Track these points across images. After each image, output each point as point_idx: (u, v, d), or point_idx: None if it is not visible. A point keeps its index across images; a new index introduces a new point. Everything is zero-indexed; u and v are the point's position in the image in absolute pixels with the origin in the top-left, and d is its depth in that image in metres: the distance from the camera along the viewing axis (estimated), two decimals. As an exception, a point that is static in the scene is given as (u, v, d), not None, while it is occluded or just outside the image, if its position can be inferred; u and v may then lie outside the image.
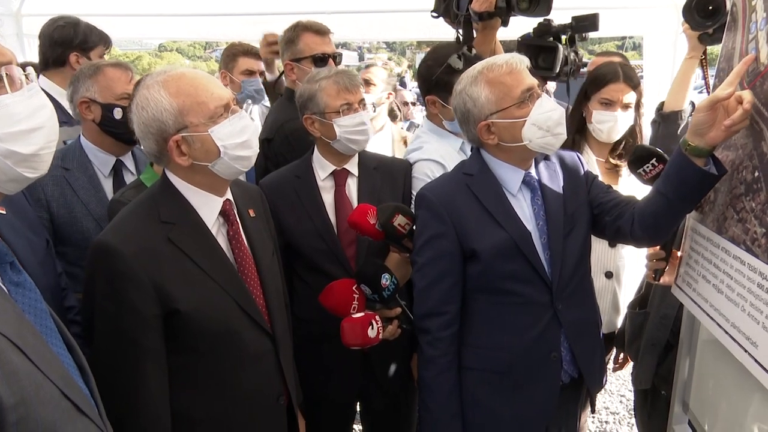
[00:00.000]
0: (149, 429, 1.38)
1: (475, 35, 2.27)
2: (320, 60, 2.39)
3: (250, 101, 3.00)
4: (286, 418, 1.65)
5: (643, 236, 1.62)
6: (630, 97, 2.25)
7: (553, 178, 1.75)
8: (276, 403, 1.60)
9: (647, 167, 1.66)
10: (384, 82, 3.04)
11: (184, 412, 1.44)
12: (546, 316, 1.69)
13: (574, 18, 2.18)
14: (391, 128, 3.02)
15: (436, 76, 2.12)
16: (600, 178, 2.21)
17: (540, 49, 2.20)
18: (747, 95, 1.29)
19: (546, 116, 1.61)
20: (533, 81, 1.64)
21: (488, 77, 1.63)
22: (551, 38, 2.19)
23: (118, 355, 1.37)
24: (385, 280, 1.76)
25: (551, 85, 3.08)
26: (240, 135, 1.45)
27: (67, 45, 2.66)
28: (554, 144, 1.65)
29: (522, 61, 1.65)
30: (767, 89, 1.26)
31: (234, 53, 3.08)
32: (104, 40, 2.75)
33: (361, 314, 1.74)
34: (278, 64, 2.77)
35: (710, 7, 1.83)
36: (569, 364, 1.75)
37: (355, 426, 2.47)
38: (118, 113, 2.03)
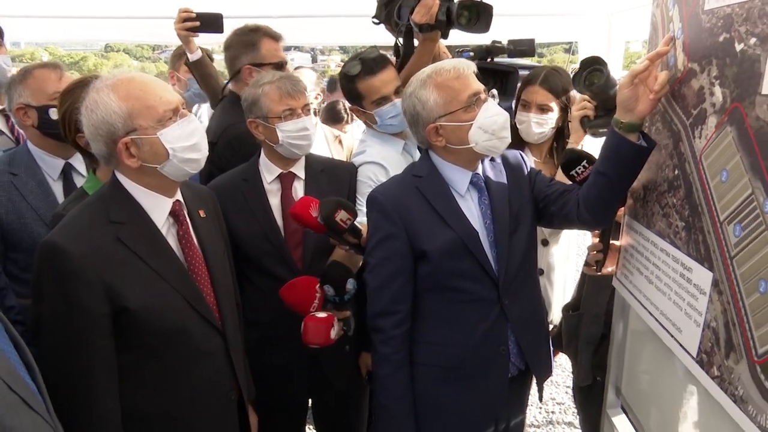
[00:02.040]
0: (100, 427, 1.38)
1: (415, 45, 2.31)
2: (280, 67, 2.39)
3: (198, 105, 2.98)
4: (237, 414, 1.68)
5: (590, 218, 1.67)
6: (546, 100, 2.31)
7: (498, 178, 1.80)
8: (226, 399, 1.62)
9: (578, 170, 1.71)
10: (312, 83, 3.08)
11: (135, 409, 1.45)
12: (494, 311, 1.75)
13: (511, 42, 2.25)
14: (323, 128, 3.06)
15: (345, 87, 2.20)
16: None
17: (494, 72, 2.26)
18: (663, 76, 1.41)
19: (491, 120, 1.66)
20: (480, 86, 1.69)
21: (437, 81, 1.67)
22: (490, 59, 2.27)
23: (67, 354, 1.37)
24: (350, 284, 1.79)
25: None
26: (189, 138, 1.48)
27: None
28: (499, 147, 1.71)
29: (469, 67, 1.69)
30: (684, 93, 1.37)
31: (180, 53, 3.13)
32: None
33: (324, 314, 1.77)
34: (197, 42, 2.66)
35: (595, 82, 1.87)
36: (516, 357, 1.81)
37: (309, 427, 2.49)
38: (54, 113, 1.98)
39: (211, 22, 2.57)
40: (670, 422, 1.52)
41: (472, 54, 2.19)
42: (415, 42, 2.33)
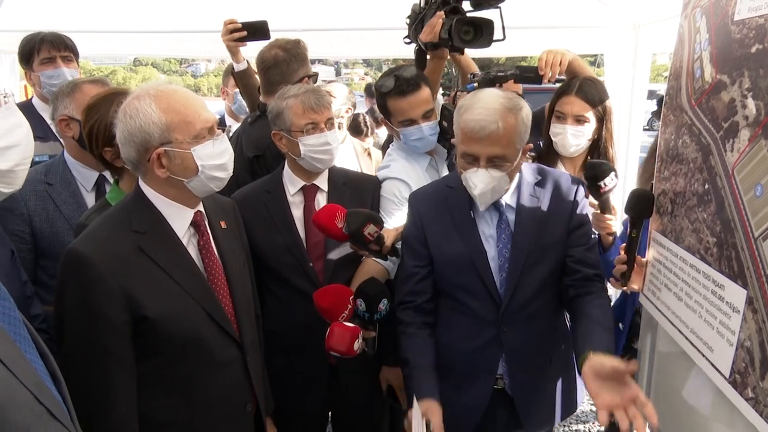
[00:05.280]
0: None
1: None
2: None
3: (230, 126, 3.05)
4: (253, 426, 1.68)
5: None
6: (582, 110, 2.24)
7: (535, 205, 1.79)
8: (243, 411, 1.62)
9: (606, 181, 1.74)
10: (344, 96, 3.11)
11: (152, 416, 1.46)
12: (489, 333, 1.78)
13: (518, 67, 2.23)
14: (352, 141, 3.08)
15: (377, 100, 2.24)
16: None
17: None
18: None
19: (471, 184, 1.68)
20: (481, 151, 1.65)
21: (460, 118, 1.67)
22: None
23: (87, 360, 1.38)
24: (383, 304, 1.81)
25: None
26: (219, 157, 1.50)
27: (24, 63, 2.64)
28: (478, 201, 1.72)
29: (484, 129, 1.61)
30: (712, 105, 1.33)
31: (230, 70, 3.23)
32: (47, 42, 2.60)
33: (351, 325, 1.77)
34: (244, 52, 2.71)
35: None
36: (508, 380, 1.83)
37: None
38: None
39: (258, 30, 2.59)
40: (700, 444, 1.47)
41: (476, 85, 2.16)
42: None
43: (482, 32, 2.18)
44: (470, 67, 2.49)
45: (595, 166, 1.77)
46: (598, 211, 1.85)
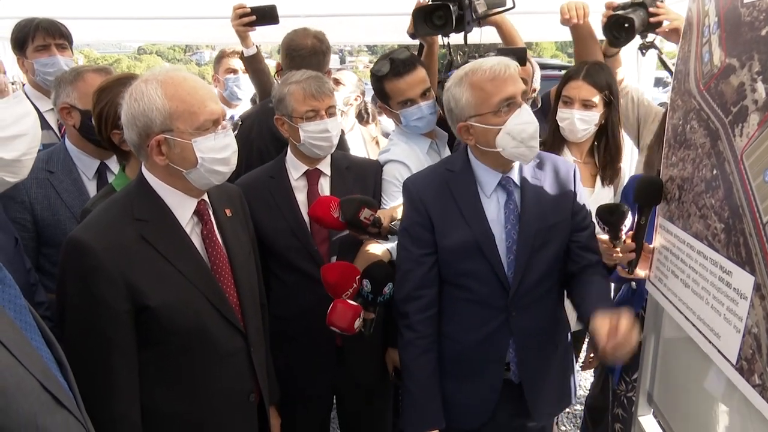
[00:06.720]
0: (118, 422, 1.39)
1: None
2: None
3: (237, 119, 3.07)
4: (256, 416, 1.67)
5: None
6: (590, 95, 2.22)
7: (537, 188, 1.76)
8: (246, 401, 1.62)
9: (627, 223, 1.69)
10: (353, 84, 3.11)
11: (154, 407, 1.46)
12: (498, 319, 1.75)
13: (499, 50, 2.21)
14: (360, 129, 3.08)
15: (374, 86, 2.24)
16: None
17: None
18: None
19: (520, 128, 1.61)
20: (515, 90, 1.62)
21: (471, 80, 1.63)
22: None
23: (88, 349, 1.37)
24: (388, 288, 1.82)
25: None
26: (221, 151, 1.47)
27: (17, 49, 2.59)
28: (527, 155, 1.67)
29: (508, 67, 1.62)
30: (721, 89, 1.32)
31: (221, 56, 3.42)
32: (42, 29, 2.52)
33: (354, 303, 1.80)
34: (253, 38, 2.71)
35: (626, 25, 2.24)
36: (518, 367, 1.81)
37: (333, 427, 2.49)
38: None
39: (266, 15, 2.59)
40: (706, 431, 1.47)
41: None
42: None
43: (447, 18, 2.23)
44: (513, 39, 2.49)
45: (614, 211, 1.70)
46: (610, 245, 1.76)
